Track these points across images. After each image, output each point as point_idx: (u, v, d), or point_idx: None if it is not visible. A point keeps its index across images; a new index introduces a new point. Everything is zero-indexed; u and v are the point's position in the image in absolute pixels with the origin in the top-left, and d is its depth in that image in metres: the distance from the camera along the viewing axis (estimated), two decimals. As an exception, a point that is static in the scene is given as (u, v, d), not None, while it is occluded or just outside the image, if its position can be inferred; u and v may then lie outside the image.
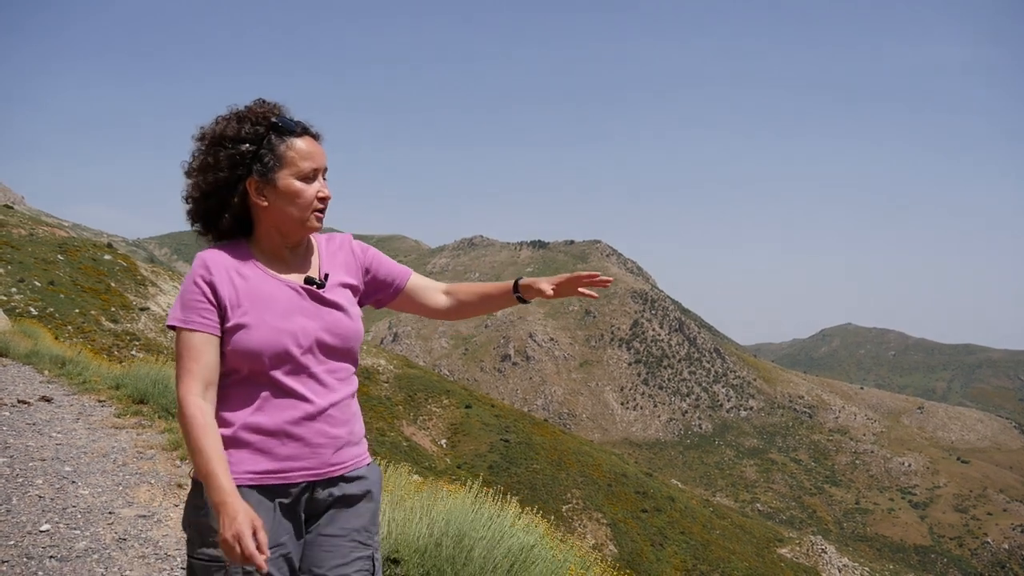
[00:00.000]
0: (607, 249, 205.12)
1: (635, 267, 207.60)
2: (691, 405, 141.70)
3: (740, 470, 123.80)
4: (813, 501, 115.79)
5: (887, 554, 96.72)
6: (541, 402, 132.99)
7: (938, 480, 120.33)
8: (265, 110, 1.93)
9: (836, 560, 64.31)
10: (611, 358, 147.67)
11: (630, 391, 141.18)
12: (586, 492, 51.22)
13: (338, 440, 1.98)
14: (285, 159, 1.92)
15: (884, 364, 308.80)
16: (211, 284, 1.89)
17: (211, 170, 1.91)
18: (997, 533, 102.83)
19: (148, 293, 33.91)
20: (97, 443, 5.93)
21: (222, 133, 1.90)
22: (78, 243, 37.65)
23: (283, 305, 1.94)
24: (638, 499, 55.49)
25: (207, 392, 1.86)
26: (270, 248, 2.00)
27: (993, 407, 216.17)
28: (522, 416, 65.36)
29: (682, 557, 49.82)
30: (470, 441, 52.96)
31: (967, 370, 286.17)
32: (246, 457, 1.88)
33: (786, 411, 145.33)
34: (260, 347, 1.88)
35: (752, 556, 54.90)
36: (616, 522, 49.65)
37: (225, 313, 1.89)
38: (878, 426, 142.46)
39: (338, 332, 1.99)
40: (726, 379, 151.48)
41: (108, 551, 3.86)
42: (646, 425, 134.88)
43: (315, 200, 1.96)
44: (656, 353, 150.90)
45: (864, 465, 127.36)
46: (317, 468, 1.95)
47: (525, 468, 51.06)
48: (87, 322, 26.22)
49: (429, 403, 56.28)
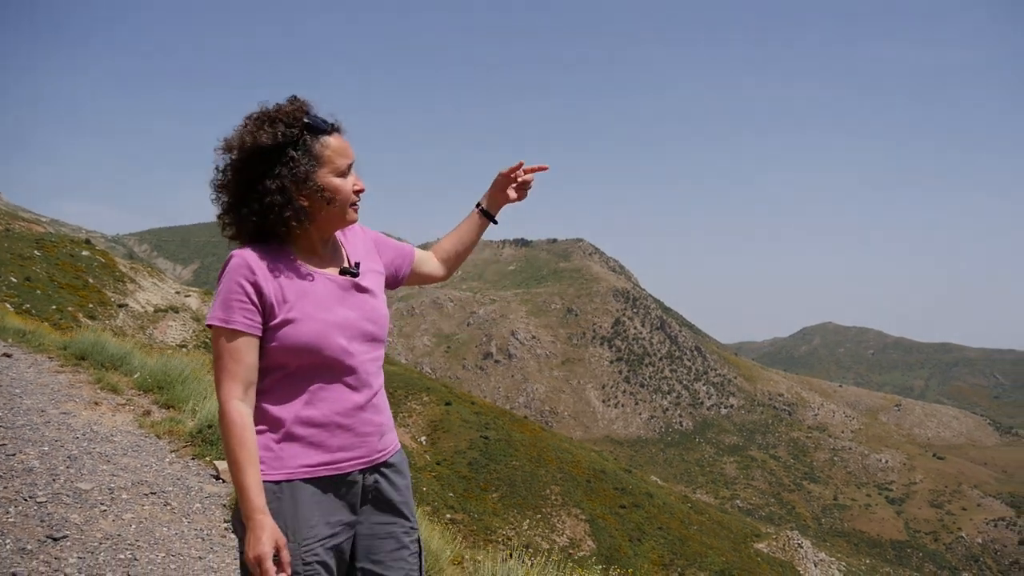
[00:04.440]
0: (589, 248, 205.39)
1: (617, 266, 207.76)
2: (672, 403, 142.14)
3: (720, 467, 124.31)
4: (792, 497, 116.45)
5: (864, 549, 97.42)
6: (523, 400, 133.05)
7: (914, 476, 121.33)
8: (295, 109, 1.94)
9: (812, 555, 64.71)
10: (593, 356, 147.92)
11: (612, 389, 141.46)
12: (565, 488, 51.38)
13: (383, 427, 2.06)
14: (322, 158, 1.95)
15: (863, 362, 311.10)
16: (255, 284, 1.88)
17: (248, 178, 1.92)
18: (971, 528, 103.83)
19: (127, 290, 33.80)
20: (41, 378, 7.76)
21: (256, 140, 1.89)
22: (56, 239, 37.44)
23: (325, 298, 1.96)
24: (617, 495, 55.69)
25: (247, 394, 1.87)
26: (306, 244, 2.03)
27: (969, 404, 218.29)
28: (502, 413, 65.47)
29: (659, 552, 50.07)
30: (450, 438, 53.06)
31: (944, 368, 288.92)
32: (299, 451, 1.90)
33: (766, 409, 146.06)
34: (309, 341, 1.88)
35: (729, 551, 55.20)
36: (595, 518, 49.84)
37: (272, 310, 1.89)
38: (856, 423, 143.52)
39: (376, 319, 2.05)
40: (707, 377, 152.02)
41: (40, 431, 5.75)
42: (627, 423, 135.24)
43: (352, 194, 2.02)
44: (638, 351, 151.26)
45: (842, 462, 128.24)
46: (367, 456, 2.01)
47: (504, 465, 51.20)
48: (64, 318, 26.14)
49: (409, 400, 56.37)
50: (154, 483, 5.03)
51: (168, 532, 4.31)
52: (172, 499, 4.81)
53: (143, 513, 4.51)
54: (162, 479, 5.15)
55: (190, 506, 4.78)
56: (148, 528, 4.31)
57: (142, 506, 4.61)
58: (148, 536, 4.20)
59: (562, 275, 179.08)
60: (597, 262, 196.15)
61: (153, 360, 8.89)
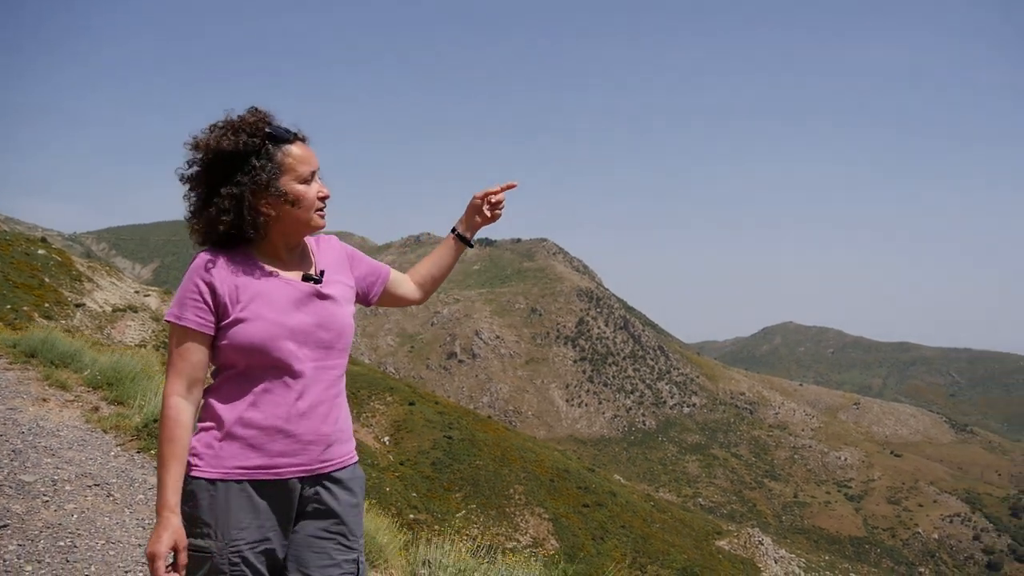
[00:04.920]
0: (553, 247, 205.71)
1: (581, 265, 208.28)
2: (635, 402, 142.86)
3: (683, 466, 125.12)
4: (753, 495, 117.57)
5: (823, 545, 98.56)
6: (487, 399, 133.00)
7: (872, 473, 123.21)
8: (258, 119, 1.99)
9: (773, 552, 65.47)
10: (557, 356, 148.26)
11: (575, 388, 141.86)
12: (529, 488, 51.60)
13: (328, 437, 2.05)
14: (284, 166, 1.99)
15: (823, 361, 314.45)
16: (210, 284, 1.93)
17: (211, 183, 1.97)
18: (927, 524, 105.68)
19: (84, 289, 33.36)
20: (-11, 376, 7.81)
21: (219, 146, 1.94)
22: (10, 237, 36.84)
23: (282, 301, 1.99)
24: (580, 494, 56.03)
25: (191, 391, 1.93)
26: (271, 250, 2.07)
27: (926, 403, 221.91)
28: (466, 413, 65.53)
29: (622, 550, 50.45)
30: (413, 438, 53.02)
31: (902, 367, 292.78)
32: (237, 452, 1.92)
33: (728, 408, 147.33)
34: (258, 341, 1.92)
35: (691, 548, 55.75)
36: (558, 517, 50.11)
37: (225, 310, 1.94)
38: (816, 422, 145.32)
39: (332, 326, 2.05)
40: (670, 376, 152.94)
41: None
42: (591, 422, 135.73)
43: (316, 200, 2.06)
44: (601, 351, 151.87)
45: (802, 460, 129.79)
46: (307, 465, 2.00)
47: (468, 464, 51.30)
48: (19, 318, 25.76)
49: (372, 400, 56.24)
50: (98, 475, 5.10)
51: (109, 521, 4.40)
52: (115, 491, 4.89)
53: (85, 504, 4.60)
54: (106, 471, 5.22)
55: (133, 497, 4.86)
56: (90, 518, 4.39)
57: (85, 497, 4.70)
58: (89, 525, 4.29)
59: (526, 275, 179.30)
60: (561, 262, 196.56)
61: (104, 358, 8.90)
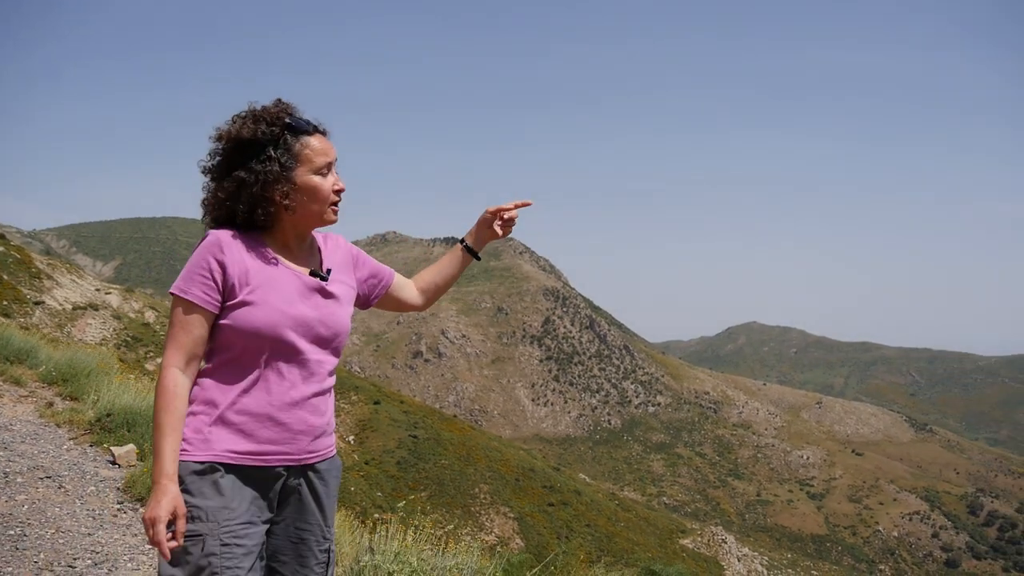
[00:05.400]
0: (520, 247, 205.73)
1: (547, 265, 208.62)
2: (601, 401, 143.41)
3: (647, 464, 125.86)
4: (717, 494, 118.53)
5: (785, 543, 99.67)
6: (453, 399, 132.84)
7: (834, 472, 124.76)
8: (279, 110, 2.02)
9: (736, 550, 66.18)
10: (523, 355, 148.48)
11: (541, 387, 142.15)
12: (494, 487, 51.72)
13: (316, 429, 2.06)
14: (301, 157, 2.02)
15: (786, 361, 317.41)
16: (221, 263, 1.94)
17: (230, 171, 2.00)
18: (888, 522, 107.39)
19: (44, 287, 32.94)
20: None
21: (239, 135, 1.98)
22: (-33, 234, 36.28)
23: (288, 291, 2.00)
24: (545, 493, 56.27)
25: (189, 365, 1.94)
26: (280, 238, 2.08)
27: (886, 402, 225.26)
28: (431, 412, 65.52)
29: (587, 549, 50.69)
30: (378, 437, 52.89)
31: (863, 367, 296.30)
32: (227, 437, 1.93)
33: (692, 407, 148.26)
34: (261, 326, 1.93)
35: (655, 547, 56.18)
36: (523, 516, 50.27)
37: (232, 290, 1.94)
38: (779, 421, 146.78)
39: (332, 325, 2.07)
40: (635, 376, 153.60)
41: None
42: (556, 421, 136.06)
43: (331, 194, 2.08)
44: (567, 350, 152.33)
45: (765, 458, 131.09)
46: (295, 454, 2.02)
47: (433, 464, 51.31)
48: (-25, 315, 25.44)
49: (337, 399, 55.85)
50: (50, 468, 5.14)
51: (60, 512, 4.45)
52: (67, 483, 4.94)
53: (36, 495, 4.64)
54: (58, 464, 5.25)
55: (84, 489, 4.90)
56: (40, 508, 4.44)
57: (36, 489, 4.74)
58: (39, 515, 4.34)
59: (492, 274, 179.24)
60: (527, 261, 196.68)
61: (59, 354, 8.87)
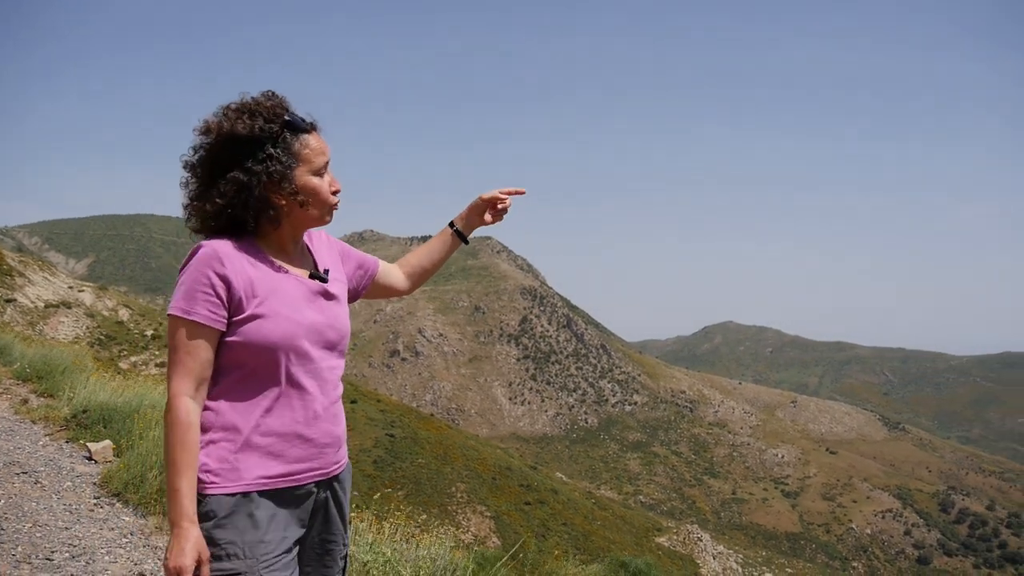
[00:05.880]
0: (497, 246, 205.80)
1: (525, 264, 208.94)
2: (578, 400, 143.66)
3: (624, 463, 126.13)
4: (693, 492, 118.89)
5: (760, 541, 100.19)
6: (430, 397, 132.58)
7: (808, 470, 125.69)
8: (275, 104, 1.88)
9: (712, 548, 66.47)
10: (500, 354, 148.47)
11: (518, 386, 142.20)
12: (471, 486, 51.65)
13: (339, 439, 1.99)
14: (300, 156, 1.90)
15: (762, 360, 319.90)
16: (223, 276, 1.79)
17: (218, 168, 1.85)
18: (861, 519, 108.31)
19: (15, 284, 32.62)
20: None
21: (232, 130, 1.83)
22: (-63, 231, 35.82)
23: (295, 298, 1.89)
24: (522, 492, 56.27)
25: (198, 391, 1.79)
26: (276, 241, 1.96)
27: (860, 401, 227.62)
28: (408, 411, 65.35)
29: (563, 547, 50.76)
30: (355, 436, 52.65)
31: (837, 366, 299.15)
32: (257, 462, 1.81)
33: (669, 406, 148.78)
34: (276, 339, 1.81)
35: (631, 545, 56.31)
36: (500, 514, 50.23)
37: (240, 305, 1.81)
38: (755, 419, 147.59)
39: (338, 327, 1.98)
40: (612, 375, 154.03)
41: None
42: (533, 420, 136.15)
43: (330, 195, 1.96)
44: (544, 349, 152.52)
45: (741, 457, 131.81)
46: (324, 468, 1.94)
47: (410, 463, 51.17)
48: (-54, 313, 25.16)
49: (314, 398, 55.74)
50: (26, 464, 5.13)
51: (37, 507, 4.46)
52: (43, 478, 4.94)
53: (13, 490, 4.64)
54: (34, 460, 5.25)
55: (61, 484, 4.91)
56: (17, 503, 4.45)
57: (12, 484, 4.74)
58: (16, 510, 4.34)
59: (470, 273, 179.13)
60: (505, 260, 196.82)
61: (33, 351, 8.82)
